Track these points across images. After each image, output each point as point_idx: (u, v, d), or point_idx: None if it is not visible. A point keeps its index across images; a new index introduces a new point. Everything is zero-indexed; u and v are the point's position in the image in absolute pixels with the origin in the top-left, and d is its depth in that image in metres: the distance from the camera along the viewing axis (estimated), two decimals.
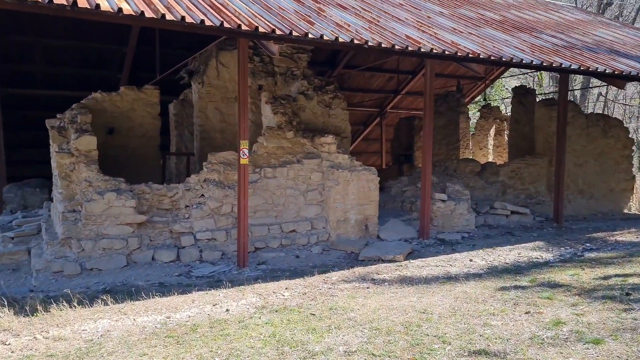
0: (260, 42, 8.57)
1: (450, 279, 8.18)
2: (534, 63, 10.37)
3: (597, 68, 11.18)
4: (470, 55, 9.66)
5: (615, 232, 11.78)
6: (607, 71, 11.26)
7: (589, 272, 8.12)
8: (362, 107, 23.58)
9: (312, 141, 11.11)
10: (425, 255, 9.88)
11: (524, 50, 10.99)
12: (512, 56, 10.15)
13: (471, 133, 20.19)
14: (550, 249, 10.19)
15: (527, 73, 29.03)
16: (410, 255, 9.85)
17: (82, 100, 11.53)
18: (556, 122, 14.80)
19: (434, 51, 9.43)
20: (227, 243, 10.02)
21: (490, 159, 20.03)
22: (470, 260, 9.41)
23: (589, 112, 25.38)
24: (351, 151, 26.47)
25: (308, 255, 10.11)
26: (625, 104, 31.99)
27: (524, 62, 10.27)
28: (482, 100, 25.18)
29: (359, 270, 8.91)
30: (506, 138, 20.39)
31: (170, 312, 6.91)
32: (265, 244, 10.28)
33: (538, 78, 28.72)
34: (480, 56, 9.74)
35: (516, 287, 7.39)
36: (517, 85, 18.26)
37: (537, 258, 9.53)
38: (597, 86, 24.09)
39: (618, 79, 12.16)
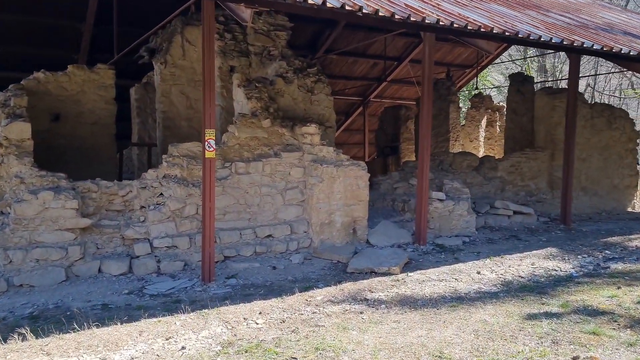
0: (228, 5, 6.91)
1: (460, 299, 6.67)
2: (553, 41, 8.89)
3: (622, 49, 9.78)
4: (482, 30, 8.12)
5: (632, 237, 10.42)
6: (631, 53, 9.85)
7: (628, 292, 6.69)
8: (344, 96, 21.98)
9: (291, 131, 9.49)
10: (424, 266, 8.36)
11: (538, 27, 9.51)
12: (529, 32, 8.64)
13: (461, 124, 18.77)
14: (567, 258, 8.77)
15: (514, 60, 27.74)
16: (408, 266, 8.32)
17: (22, 81, 9.72)
18: (559, 112, 13.44)
19: (441, 23, 7.86)
20: (190, 251, 8.37)
21: (481, 152, 18.66)
22: (478, 273, 7.93)
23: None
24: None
25: (287, 266, 8.52)
26: (610, 95, 31.00)
27: (542, 39, 8.78)
28: (472, 89, 23.81)
29: (349, 286, 7.35)
30: (498, 129, 19.00)
31: (108, 350, 5.27)
32: (236, 252, 8.65)
33: (525, 68, 27.44)
34: (494, 31, 8.21)
35: (547, 315, 5.91)
36: (508, 73, 16.77)
37: (556, 269, 8.09)
38: (607, 73, 22.38)
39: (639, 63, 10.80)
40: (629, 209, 14.60)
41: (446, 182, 10.86)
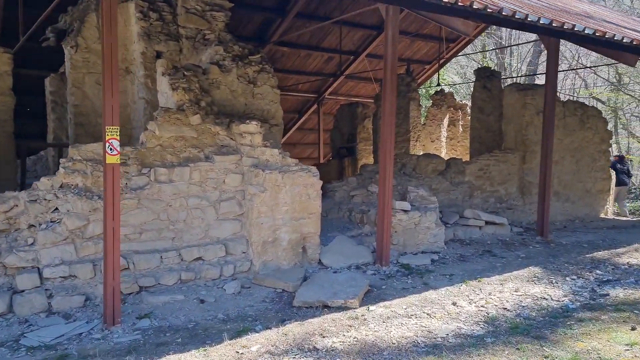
0: None
1: (437, 348, 5.10)
2: (541, 22, 7.44)
3: (615, 35, 8.45)
4: (460, 4, 6.58)
5: (619, 251, 9.14)
6: (624, 40, 8.53)
7: None
8: (298, 92, 20.32)
9: (227, 129, 7.75)
10: (388, 295, 6.78)
11: (522, 7, 8.07)
12: (514, 10, 7.15)
13: (422, 123, 17.38)
14: (554, 281, 7.35)
15: (474, 53, 26.68)
16: (368, 296, 6.72)
17: None
18: (531, 110, 12.17)
19: None
20: (94, 282, 6.54)
21: (444, 153, 17.31)
22: (454, 305, 6.40)
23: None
24: (284, 143, 23.21)
25: (219, 298, 6.78)
26: (566, 95, 30.44)
27: (529, 19, 7.32)
28: (431, 86, 22.56)
29: (294, 329, 5.68)
30: (460, 129, 17.71)
31: None
32: (155, 280, 6.86)
33: (482, 60, 26.32)
34: (474, 6, 6.68)
35: None
36: (465, 72, 15.35)
37: (545, 298, 6.64)
38: (582, 67, 21.34)
39: (630, 53, 9.52)
40: (602, 215, 13.48)
41: (411, 189, 9.34)
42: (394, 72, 8.03)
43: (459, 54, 21.83)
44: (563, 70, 24.87)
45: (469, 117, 16.25)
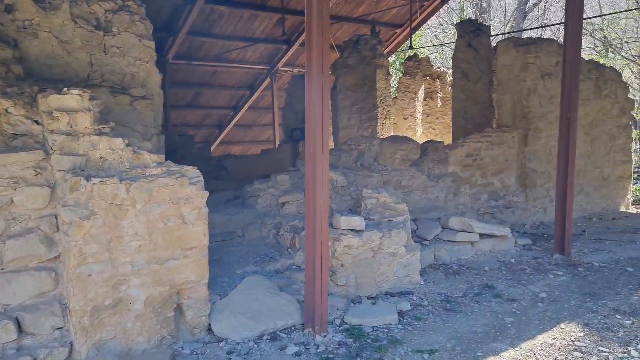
0: None
1: None
2: None
3: None
4: None
5: None
6: None
7: None
8: (245, 64, 16.70)
9: (27, 107, 4.21)
10: None
11: None
12: None
13: (392, 97, 13.90)
14: (612, 358, 4.03)
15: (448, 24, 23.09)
16: None
17: None
18: (534, 72, 8.83)
19: None
20: None
21: (420, 133, 13.88)
22: None
23: None
24: (237, 125, 19.66)
25: None
26: None
27: None
28: (403, 56, 19.08)
29: None
30: (439, 102, 14.25)
31: None
32: None
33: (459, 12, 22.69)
34: None
35: None
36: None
37: None
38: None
39: None
40: (623, 208, 10.23)
41: (368, 193, 5.90)
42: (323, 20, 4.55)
43: (435, 14, 18.29)
44: (554, 24, 21.62)
45: (450, 88, 12.83)
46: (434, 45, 20.34)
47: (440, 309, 5.17)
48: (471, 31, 10.31)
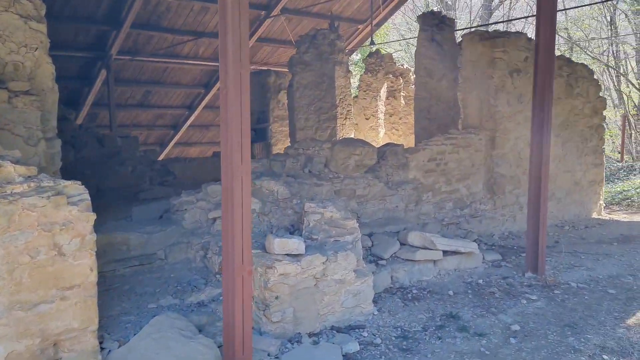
0: None
1: None
2: None
3: None
4: None
5: None
6: None
7: None
8: (199, 60, 15.58)
9: None
10: None
11: None
12: None
13: (353, 96, 13.01)
14: None
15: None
16: None
17: None
18: (502, 68, 8.02)
19: None
20: None
21: (382, 134, 13.02)
22: None
23: None
24: (196, 124, 18.47)
25: None
26: None
27: None
28: (365, 53, 18.23)
29: None
30: (403, 102, 13.41)
31: None
32: None
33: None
34: None
35: None
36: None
37: None
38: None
39: None
40: (595, 215, 9.54)
41: (311, 207, 4.94)
42: None
43: (401, 13, 17.49)
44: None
45: (414, 87, 12.00)
46: (396, 41, 19.48)
47: (396, 348, 4.25)
48: (434, 24, 9.48)
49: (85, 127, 11.83)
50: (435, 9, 21.34)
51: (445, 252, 5.88)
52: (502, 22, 13.36)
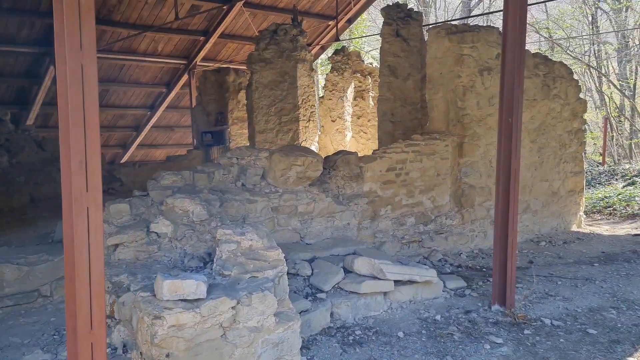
0: None
1: None
2: None
3: None
4: None
5: None
6: None
7: None
8: (159, 58, 14.54)
9: None
10: None
11: None
12: None
13: (319, 97, 12.05)
14: None
15: None
16: None
17: None
18: (470, 66, 7.14)
19: None
20: None
21: (348, 138, 12.07)
22: None
23: None
24: (159, 125, 17.37)
25: None
26: None
27: None
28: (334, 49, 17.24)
29: None
30: (372, 103, 12.48)
31: None
32: None
33: None
34: None
35: None
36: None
37: None
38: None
39: None
40: (575, 227, 8.70)
41: (225, 235, 3.97)
42: None
43: (373, 5, 16.56)
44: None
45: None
46: (359, 37, 18.47)
47: None
48: (399, 18, 8.56)
49: (24, 129, 10.73)
50: (412, 6, 20.50)
51: (395, 283, 4.94)
52: (478, 15, 12.32)
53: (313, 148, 11.17)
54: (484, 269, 6.38)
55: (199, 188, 4.94)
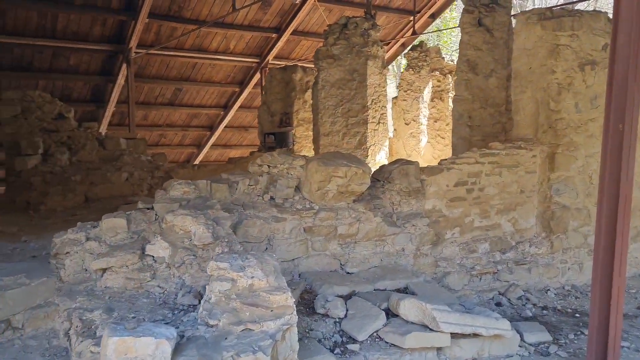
0: None
1: None
2: None
3: None
4: None
5: None
6: None
7: None
8: (232, 56, 14.03)
9: None
10: None
11: None
12: None
13: (392, 97, 10.88)
14: None
15: None
16: None
17: None
18: (568, 59, 5.69)
19: None
20: None
21: (423, 144, 10.78)
22: None
23: None
24: (232, 125, 16.94)
25: None
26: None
27: None
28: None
29: None
30: (451, 104, 11.13)
31: None
32: None
33: None
34: None
35: None
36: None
37: None
38: None
39: None
40: None
41: (216, 268, 3.00)
42: None
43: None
44: None
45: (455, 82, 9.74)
46: (437, 31, 16.88)
47: None
48: (483, 4, 7.24)
49: (87, 127, 10.47)
50: None
51: (452, 336, 3.76)
52: (578, 1, 10.54)
53: (382, 154, 10.03)
54: (577, 314, 4.99)
55: (212, 202, 4.03)
